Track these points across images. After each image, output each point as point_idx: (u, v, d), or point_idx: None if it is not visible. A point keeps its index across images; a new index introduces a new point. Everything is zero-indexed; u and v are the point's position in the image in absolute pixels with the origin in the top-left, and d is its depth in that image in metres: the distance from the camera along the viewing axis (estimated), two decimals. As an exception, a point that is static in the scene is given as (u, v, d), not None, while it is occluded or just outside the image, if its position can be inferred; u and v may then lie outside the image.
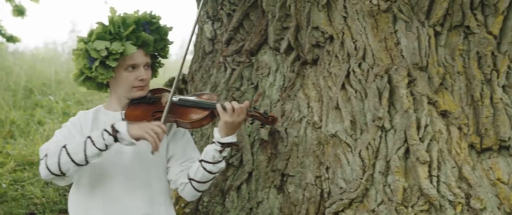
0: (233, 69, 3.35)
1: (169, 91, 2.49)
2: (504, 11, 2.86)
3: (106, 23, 2.33)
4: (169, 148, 2.47)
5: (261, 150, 3.08)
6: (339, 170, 2.86)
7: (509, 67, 2.86)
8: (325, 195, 2.89)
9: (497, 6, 2.87)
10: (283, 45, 3.21)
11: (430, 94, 2.85)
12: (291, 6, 3.13)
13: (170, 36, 2.50)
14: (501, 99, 2.81)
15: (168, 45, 2.51)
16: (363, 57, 2.97)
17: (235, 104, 2.35)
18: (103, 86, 2.51)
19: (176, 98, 2.43)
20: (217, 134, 2.38)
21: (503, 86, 2.85)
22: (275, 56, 3.27)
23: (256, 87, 3.27)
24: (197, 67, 3.64)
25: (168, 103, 2.37)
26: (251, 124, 2.49)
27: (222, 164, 2.41)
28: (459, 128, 2.82)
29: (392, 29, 2.94)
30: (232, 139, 2.38)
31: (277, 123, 2.91)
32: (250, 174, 3.06)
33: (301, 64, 3.18)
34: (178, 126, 2.46)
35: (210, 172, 2.39)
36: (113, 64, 2.31)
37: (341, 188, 2.81)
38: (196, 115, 2.40)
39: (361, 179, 2.76)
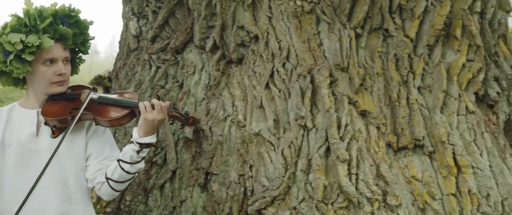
0: (158, 67, 3.32)
1: (88, 88, 2.44)
2: (420, 15, 2.99)
3: (21, 15, 2.25)
4: (88, 145, 2.41)
5: (185, 149, 3.07)
6: (262, 168, 2.89)
7: (424, 69, 2.98)
8: (249, 193, 2.91)
9: (413, 11, 2.99)
10: (209, 44, 3.21)
11: (351, 95, 2.93)
12: (217, 5, 3.14)
13: (94, 32, 2.45)
14: (416, 100, 2.92)
15: (89, 40, 2.46)
16: (287, 57, 3.01)
17: (155, 101, 2.32)
18: (19, 82, 2.42)
19: (95, 95, 2.38)
20: (136, 134, 2.34)
21: (419, 88, 2.97)
22: (201, 55, 3.26)
23: (181, 86, 3.25)
24: (122, 64, 3.58)
25: (86, 101, 2.32)
26: (171, 124, 2.48)
27: (141, 164, 2.37)
28: (378, 128, 2.92)
29: (315, 30, 3.01)
30: (151, 139, 2.34)
31: (198, 124, 2.91)
32: (173, 172, 3.04)
33: (226, 63, 3.19)
34: (97, 123, 2.40)
35: (128, 172, 2.34)
36: (29, 58, 2.23)
37: (264, 186, 2.84)
38: (116, 113, 2.36)
39: (283, 177, 2.80)
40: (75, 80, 3.56)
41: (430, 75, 2.98)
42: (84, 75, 7.45)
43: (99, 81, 5.63)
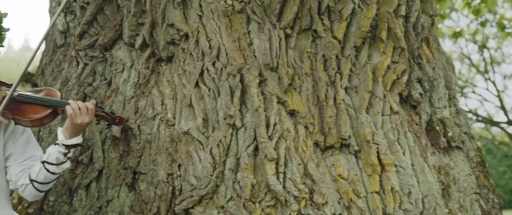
0: (86, 64, 3.24)
1: (8, 85, 2.34)
2: (347, 17, 3.05)
3: None
4: (7, 146, 2.33)
5: (113, 147, 3.01)
6: (190, 167, 2.87)
7: (351, 70, 3.05)
8: (177, 193, 2.89)
9: (341, 13, 3.06)
10: (138, 41, 3.17)
11: (280, 94, 2.96)
12: (147, 2, 3.10)
13: (9, 24, 2.36)
14: (343, 100, 2.98)
15: (3, 33, 2.37)
16: (217, 56, 3.01)
17: (81, 103, 2.27)
18: None
19: (15, 93, 2.30)
20: (61, 136, 2.28)
21: (346, 88, 3.03)
22: (130, 52, 3.21)
23: (109, 83, 3.19)
24: (48, 60, 3.48)
25: (5, 100, 2.23)
26: (97, 123, 2.43)
27: (67, 164, 2.32)
28: (306, 127, 2.96)
29: (245, 30, 3.02)
30: (77, 140, 2.29)
31: (125, 123, 2.87)
32: (100, 171, 2.98)
33: (156, 61, 3.16)
34: (16, 123, 2.32)
35: (53, 173, 2.28)
36: None
37: (192, 185, 2.83)
38: (37, 113, 2.29)
39: (211, 176, 2.79)
40: (2, 77, 3.43)
41: (356, 76, 3.05)
42: (12, 72, 7.20)
43: (28, 78, 5.43)
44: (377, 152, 2.91)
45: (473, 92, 17.14)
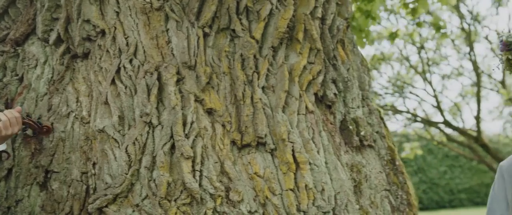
0: (-4, 59, 3.13)
1: None
2: (265, 18, 3.10)
3: None
4: None
5: (24, 145, 2.92)
6: (105, 165, 2.83)
7: (268, 70, 3.10)
8: (91, 191, 2.84)
9: (259, 13, 3.10)
10: (53, 36, 3.08)
11: (197, 93, 2.97)
12: (62, -3, 3.03)
13: None
14: (260, 99, 3.03)
15: None
16: (135, 54, 2.98)
17: (9, 114, 2.19)
18: None
19: None
20: None
21: (263, 88, 3.08)
22: (44, 48, 3.12)
23: (21, 79, 3.09)
24: (-45, 55, 3.32)
25: None
26: (24, 132, 2.35)
27: None
28: (223, 125, 2.99)
29: (164, 28, 3.01)
30: (2, 147, 2.22)
31: (51, 132, 2.80)
32: (10, 170, 2.88)
33: (71, 57, 3.09)
34: None
35: None
36: None
37: (106, 183, 2.79)
38: None
39: (127, 174, 2.76)
40: None
41: (273, 75, 3.11)
42: None
43: None
44: (293, 150, 2.97)
45: (411, 92, 17.66)
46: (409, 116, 17.20)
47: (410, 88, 17.55)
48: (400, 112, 17.14)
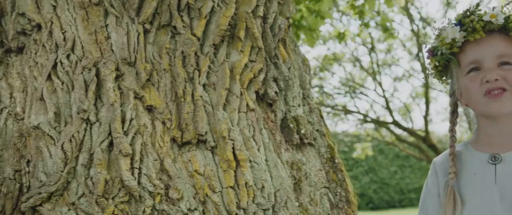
0: None
1: None
2: (207, 15, 3.09)
3: None
4: None
5: (-47, 143, 2.80)
6: (40, 163, 2.75)
7: (209, 67, 3.09)
8: (25, 190, 2.75)
9: (201, 10, 3.09)
10: (-15, 30, 2.98)
11: (137, 89, 2.93)
12: (-5, -11, 2.93)
13: None
14: (201, 97, 3.02)
15: None
16: (72, 49, 2.91)
17: None
18: None
19: None
20: None
21: (204, 85, 3.07)
22: (-24, 42, 3.01)
23: (-51, 74, 2.96)
24: None
25: None
26: None
27: None
28: (163, 123, 2.96)
29: (103, 23, 2.95)
30: None
31: None
32: None
33: (4, 52, 2.99)
34: None
35: None
36: None
37: (41, 181, 2.71)
38: None
39: (62, 172, 2.70)
40: None
41: (215, 73, 3.10)
42: None
43: None
44: (233, 148, 2.97)
45: (362, 93, 17.89)
46: (361, 116, 17.46)
47: (361, 89, 17.83)
48: (351, 112, 17.38)
